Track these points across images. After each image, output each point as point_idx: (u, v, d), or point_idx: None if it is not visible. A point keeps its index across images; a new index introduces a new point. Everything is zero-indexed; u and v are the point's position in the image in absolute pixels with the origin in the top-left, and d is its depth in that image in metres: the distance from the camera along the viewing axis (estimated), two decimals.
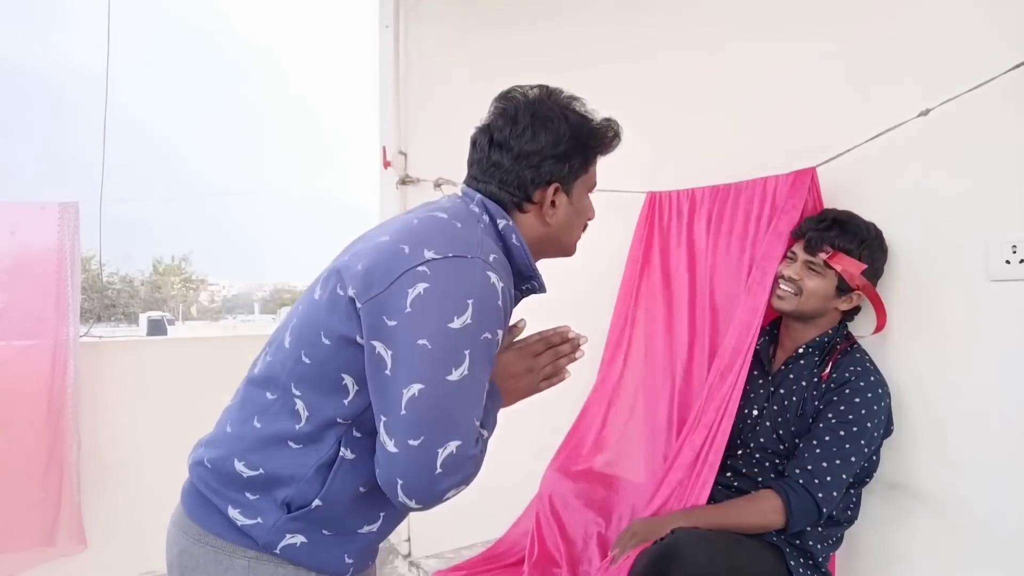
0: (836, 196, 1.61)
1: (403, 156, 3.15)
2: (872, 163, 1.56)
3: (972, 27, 1.42)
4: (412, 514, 3.23)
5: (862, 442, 1.40)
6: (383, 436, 0.89)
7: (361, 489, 0.99)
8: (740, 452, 1.56)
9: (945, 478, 1.47)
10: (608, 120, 1.14)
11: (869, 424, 1.41)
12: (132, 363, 2.93)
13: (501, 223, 1.05)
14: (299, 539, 0.97)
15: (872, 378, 1.45)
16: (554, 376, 1.15)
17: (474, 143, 1.11)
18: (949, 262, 1.45)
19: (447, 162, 2.83)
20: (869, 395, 1.42)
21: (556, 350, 1.14)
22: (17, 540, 2.51)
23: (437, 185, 2.81)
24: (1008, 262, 1.36)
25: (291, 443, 0.96)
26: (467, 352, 0.89)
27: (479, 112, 1.13)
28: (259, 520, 0.96)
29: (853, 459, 1.39)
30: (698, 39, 1.98)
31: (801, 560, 1.43)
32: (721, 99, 1.92)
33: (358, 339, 0.92)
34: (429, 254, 0.92)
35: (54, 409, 2.56)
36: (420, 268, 0.91)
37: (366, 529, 1.03)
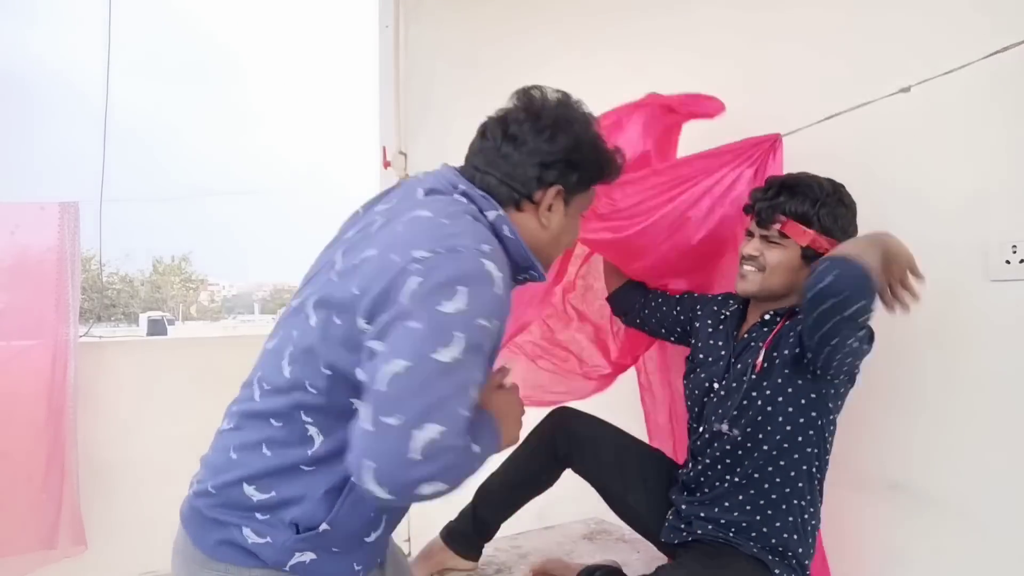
0: None
1: (403, 156, 3.15)
2: (872, 163, 1.55)
3: (973, 26, 1.42)
4: (413, 514, 3.24)
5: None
6: (360, 416, 0.83)
7: (372, 514, 1.00)
8: (700, 430, 1.50)
9: (945, 478, 1.47)
10: (616, 148, 1.12)
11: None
12: (132, 363, 2.93)
13: (491, 214, 1.01)
14: (308, 556, 0.97)
15: None
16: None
17: (484, 132, 1.07)
18: (949, 262, 1.45)
19: (447, 162, 2.82)
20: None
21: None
22: (18, 543, 2.51)
23: None
24: (1008, 262, 1.36)
25: (303, 467, 0.95)
26: (459, 335, 0.84)
27: (479, 112, 1.12)
28: (268, 540, 0.95)
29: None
30: (701, 39, 1.98)
31: (789, 570, 1.38)
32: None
33: (358, 374, 0.89)
34: (419, 253, 0.88)
35: (54, 409, 2.56)
36: (412, 266, 0.87)
37: (373, 537, 1.03)
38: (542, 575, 1.66)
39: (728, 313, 1.56)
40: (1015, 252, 1.35)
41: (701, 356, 1.56)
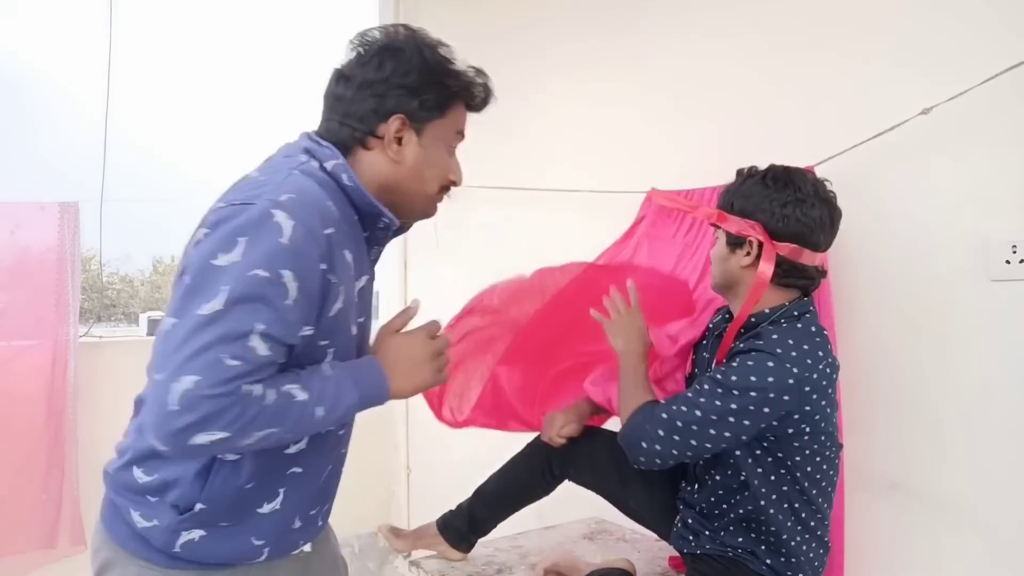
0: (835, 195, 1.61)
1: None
2: (872, 162, 1.55)
3: (973, 25, 1.42)
4: (412, 513, 3.24)
5: (728, 408, 1.24)
6: None
7: (248, 486, 0.98)
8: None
9: (945, 478, 1.47)
10: (477, 69, 1.08)
11: (745, 393, 1.23)
12: (132, 363, 2.91)
13: (330, 164, 0.99)
14: (197, 533, 0.97)
15: (778, 350, 1.25)
16: (447, 369, 1.09)
17: (327, 84, 1.07)
18: (949, 262, 1.45)
19: None
20: (769, 364, 1.24)
21: (445, 338, 1.09)
22: (18, 543, 2.50)
23: None
24: (1008, 262, 1.36)
25: None
26: (224, 288, 0.84)
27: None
28: (156, 522, 0.97)
29: (700, 413, 1.26)
30: (700, 39, 1.98)
31: None
32: (722, 99, 1.91)
33: None
34: (217, 205, 0.91)
35: (54, 409, 2.55)
36: (208, 219, 0.91)
37: (267, 508, 1.01)
38: (553, 574, 1.66)
39: (712, 325, 1.54)
40: (1015, 252, 1.35)
41: (695, 370, 1.56)
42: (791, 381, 1.23)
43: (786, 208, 1.33)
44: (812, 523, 1.36)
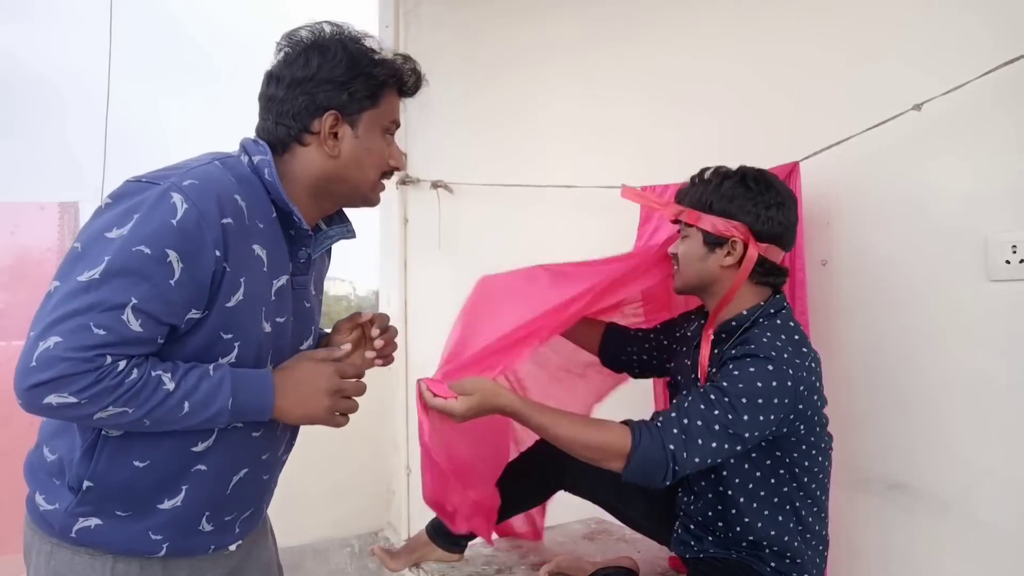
0: (835, 195, 1.61)
1: (403, 156, 3.15)
2: (871, 163, 1.55)
3: (972, 22, 1.42)
4: (412, 513, 3.24)
5: (741, 420, 1.22)
6: None
7: (137, 464, 0.97)
8: None
9: (945, 478, 1.47)
10: (404, 56, 1.10)
11: (753, 402, 1.22)
12: None
13: (256, 159, 1.01)
14: (93, 521, 0.98)
15: (773, 353, 1.26)
16: (349, 413, 1.08)
17: (261, 87, 1.09)
18: (949, 262, 1.45)
19: (447, 162, 2.83)
20: (769, 368, 1.24)
21: (359, 385, 1.08)
22: (18, 542, 2.50)
23: (435, 186, 2.81)
24: (1008, 262, 1.36)
25: (75, 426, 0.98)
26: (106, 258, 0.86)
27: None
28: (56, 505, 0.99)
29: (718, 427, 1.22)
30: (696, 37, 1.99)
31: None
32: (719, 96, 1.92)
33: None
34: (123, 181, 0.93)
35: None
36: (114, 191, 0.93)
37: (168, 504, 1.00)
38: (557, 575, 1.65)
39: (690, 332, 1.54)
40: (1015, 252, 1.35)
41: (679, 378, 1.55)
42: (789, 383, 1.25)
43: (769, 210, 1.37)
44: (811, 519, 1.37)
